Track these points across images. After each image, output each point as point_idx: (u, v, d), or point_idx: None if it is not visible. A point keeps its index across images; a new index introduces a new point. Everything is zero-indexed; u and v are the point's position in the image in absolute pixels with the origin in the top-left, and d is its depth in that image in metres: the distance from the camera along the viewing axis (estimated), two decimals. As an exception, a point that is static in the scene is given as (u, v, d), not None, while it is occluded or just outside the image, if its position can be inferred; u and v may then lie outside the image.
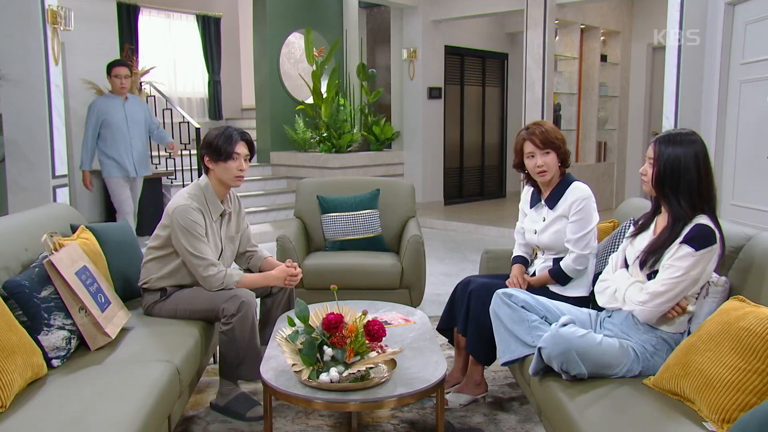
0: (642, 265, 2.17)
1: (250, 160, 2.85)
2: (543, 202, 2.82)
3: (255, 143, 2.94)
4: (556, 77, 7.77)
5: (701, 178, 2.12)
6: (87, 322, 2.34)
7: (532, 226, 2.87)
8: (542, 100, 7.10)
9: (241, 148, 2.79)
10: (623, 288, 2.22)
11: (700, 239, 2.05)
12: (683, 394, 1.88)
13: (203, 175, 2.86)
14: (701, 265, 2.06)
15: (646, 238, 2.25)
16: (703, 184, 2.12)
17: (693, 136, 2.16)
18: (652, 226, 2.27)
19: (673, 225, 2.15)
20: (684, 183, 2.12)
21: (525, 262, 2.94)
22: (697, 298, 2.14)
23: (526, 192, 2.94)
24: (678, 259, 2.06)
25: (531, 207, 2.90)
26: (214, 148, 2.75)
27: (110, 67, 5.16)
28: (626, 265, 2.32)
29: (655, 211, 2.28)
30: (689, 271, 2.05)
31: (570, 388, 2.06)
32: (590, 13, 8.06)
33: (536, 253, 2.97)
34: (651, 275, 2.16)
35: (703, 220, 2.10)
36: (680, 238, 2.09)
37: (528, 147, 2.78)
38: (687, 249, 2.05)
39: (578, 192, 2.72)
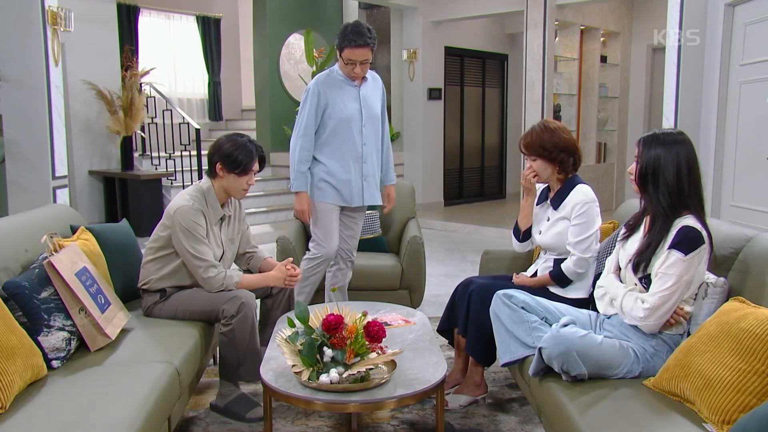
0: (635, 269, 2.17)
1: (257, 173, 2.87)
2: (549, 201, 2.83)
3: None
4: (556, 78, 7.76)
5: (681, 176, 2.12)
6: (87, 323, 2.34)
7: (537, 225, 2.88)
8: (542, 101, 7.10)
9: (255, 165, 2.81)
10: (618, 298, 2.21)
11: (688, 243, 2.05)
12: (683, 395, 1.88)
13: (205, 178, 2.85)
14: (693, 268, 2.07)
15: (636, 241, 2.25)
16: (683, 182, 2.12)
17: (679, 136, 2.17)
18: (642, 227, 2.27)
19: (653, 223, 2.15)
20: (663, 181, 2.13)
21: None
22: (695, 299, 2.14)
23: (539, 187, 2.95)
24: (669, 266, 2.06)
25: (538, 204, 2.91)
26: (234, 161, 2.74)
27: (342, 44, 3.20)
28: (618, 269, 2.32)
29: (644, 212, 2.28)
30: (682, 276, 2.05)
31: (570, 389, 2.06)
32: (590, 14, 8.06)
33: (539, 252, 2.98)
34: (643, 279, 2.16)
35: (688, 221, 2.10)
36: (668, 243, 2.08)
37: None
38: (677, 254, 2.05)
39: (581, 195, 2.72)
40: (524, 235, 2.95)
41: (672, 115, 4.43)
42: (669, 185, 2.12)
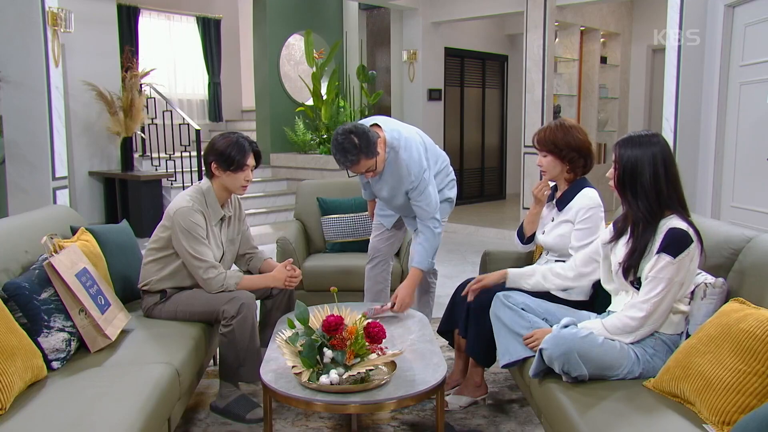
0: (625, 274, 2.17)
1: (254, 169, 2.86)
2: (554, 202, 2.83)
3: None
4: (556, 79, 7.76)
5: (658, 179, 2.11)
6: (87, 324, 2.34)
7: (541, 225, 2.88)
8: (542, 101, 7.10)
9: (251, 160, 2.80)
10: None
11: (676, 245, 2.05)
12: (683, 396, 1.88)
13: (205, 179, 2.86)
14: (683, 269, 2.06)
15: (625, 245, 2.24)
16: (661, 183, 2.11)
17: (653, 138, 2.16)
18: (630, 229, 2.26)
19: (635, 228, 2.15)
20: (640, 185, 2.12)
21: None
22: (692, 299, 2.14)
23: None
24: (659, 270, 2.06)
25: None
26: (226, 158, 2.74)
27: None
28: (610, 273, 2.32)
29: (626, 215, 2.27)
30: (673, 279, 2.05)
31: (570, 390, 2.06)
32: (590, 15, 8.07)
33: (540, 253, 2.98)
34: (635, 281, 2.15)
35: (672, 221, 2.09)
36: (656, 247, 2.08)
37: None
38: (666, 258, 2.05)
39: (586, 200, 2.72)
40: (528, 239, 2.96)
41: (672, 115, 4.43)
42: (646, 189, 2.11)
